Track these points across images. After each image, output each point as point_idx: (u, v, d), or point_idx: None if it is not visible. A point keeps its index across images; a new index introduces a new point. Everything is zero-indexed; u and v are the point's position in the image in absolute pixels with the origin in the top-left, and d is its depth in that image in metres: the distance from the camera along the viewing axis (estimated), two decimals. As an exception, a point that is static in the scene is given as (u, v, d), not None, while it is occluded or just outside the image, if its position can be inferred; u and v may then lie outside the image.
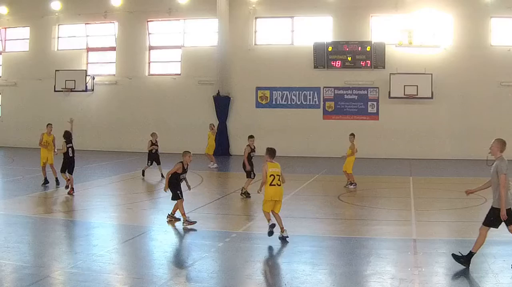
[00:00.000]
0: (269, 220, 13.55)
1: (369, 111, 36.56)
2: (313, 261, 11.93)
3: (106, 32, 41.33)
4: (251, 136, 21.20)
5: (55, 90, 40.06)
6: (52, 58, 41.38)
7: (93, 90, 40.42)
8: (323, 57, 36.50)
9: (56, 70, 39.91)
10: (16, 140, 40.93)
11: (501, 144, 11.14)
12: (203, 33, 39.46)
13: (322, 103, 37.11)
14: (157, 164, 25.40)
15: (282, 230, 13.44)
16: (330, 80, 36.78)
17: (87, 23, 41.31)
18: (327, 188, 24.01)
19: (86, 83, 39.57)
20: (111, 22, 40.89)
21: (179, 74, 39.63)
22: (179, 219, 15.36)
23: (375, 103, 36.47)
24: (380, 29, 36.48)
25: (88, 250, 12.73)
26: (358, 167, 30.75)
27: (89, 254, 12.27)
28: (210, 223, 16.38)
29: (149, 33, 40.23)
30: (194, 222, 14.94)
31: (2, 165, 32.33)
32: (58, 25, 41.81)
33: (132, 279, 10.78)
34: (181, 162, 15.39)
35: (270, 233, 13.34)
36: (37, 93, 41.63)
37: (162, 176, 23.89)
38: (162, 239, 14.13)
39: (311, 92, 37.19)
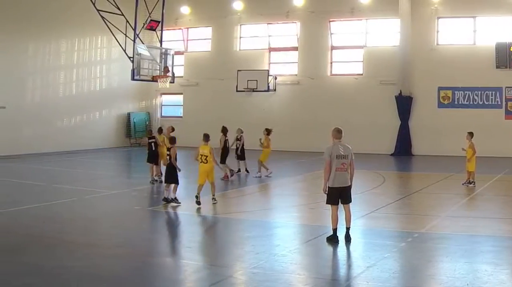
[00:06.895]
0: (198, 193, 19.03)
1: (550, 111, 38.29)
2: (495, 261, 12.32)
3: (288, 32, 44.39)
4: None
5: (237, 90, 43.05)
6: (234, 58, 44.87)
7: (275, 90, 43.35)
8: (505, 57, 38.16)
9: (238, 70, 42.89)
10: (198, 140, 43.15)
11: None
12: (385, 33, 41.93)
13: (504, 103, 38.90)
14: (242, 160, 28.80)
15: (212, 196, 19.56)
16: (512, 80, 38.53)
17: (269, 23, 44.60)
18: (509, 188, 24.87)
19: (268, 83, 42.31)
20: (293, 22, 43.92)
21: (361, 74, 42.21)
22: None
23: (556, 103, 38.17)
24: None
25: (270, 250, 13.61)
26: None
27: (271, 254, 13.15)
28: (392, 223, 17.39)
29: (331, 33, 42.94)
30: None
31: (186, 165, 35.35)
32: (240, 25, 45.37)
33: (314, 279, 11.45)
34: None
35: (198, 203, 18.92)
36: (218, 93, 45.13)
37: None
38: (344, 239, 14.27)
39: (493, 92, 39.12)
